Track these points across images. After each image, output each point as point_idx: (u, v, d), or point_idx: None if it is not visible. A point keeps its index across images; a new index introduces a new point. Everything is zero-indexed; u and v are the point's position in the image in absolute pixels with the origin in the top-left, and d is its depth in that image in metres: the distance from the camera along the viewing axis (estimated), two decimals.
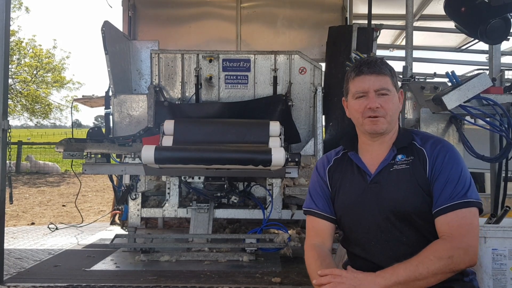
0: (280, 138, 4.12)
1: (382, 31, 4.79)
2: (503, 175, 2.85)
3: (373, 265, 1.67)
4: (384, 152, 1.74)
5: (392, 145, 1.74)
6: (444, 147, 1.69)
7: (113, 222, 5.72)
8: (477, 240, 1.57)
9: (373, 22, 4.51)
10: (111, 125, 4.68)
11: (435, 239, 1.63)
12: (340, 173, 1.81)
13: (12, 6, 15.98)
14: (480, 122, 2.68)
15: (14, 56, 17.58)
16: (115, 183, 5.11)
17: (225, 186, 4.28)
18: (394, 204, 1.65)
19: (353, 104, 1.74)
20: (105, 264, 3.94)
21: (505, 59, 5.36)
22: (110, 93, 4.65)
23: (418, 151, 1.71)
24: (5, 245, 3.54)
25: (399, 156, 1.71)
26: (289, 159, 3.83)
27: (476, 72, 3.93)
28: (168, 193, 4.42)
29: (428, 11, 6.23)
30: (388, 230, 1.66)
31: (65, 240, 4.90)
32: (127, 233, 4.48)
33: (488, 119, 2.65)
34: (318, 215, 1.80)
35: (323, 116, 4.51)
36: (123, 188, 4.72)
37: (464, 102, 2.55)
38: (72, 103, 12.98)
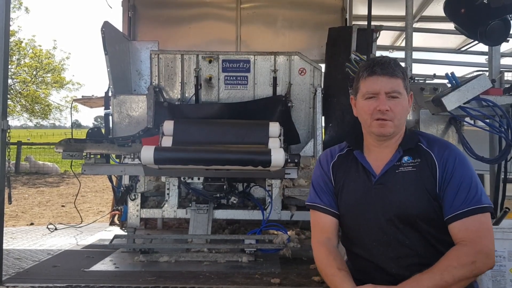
0: (280, 139, 4.12)
1: (382, 32, 4.79)
2: (503, 176, 2.85)
3: (373, 265, 1.67)
4: (389, 153, 1.72)
5: (398, 146, 1.72)
6: (453, 151, 1.67)
7: (112, 223, 5.72)
8: (494, 244, 1.57)
9: (372, 23, 4.50)
10: (111, 125, 4.67)
11: (437, 242, 1.63)
12: (344, 170, 1.79)
13: (12, 6, 15.98)
14: (480, 123, 2.68)
15: (14, 57, 17.58)
16: (114, 183, 5.10)
17: (225, 186, 4.28)
18: (399, 207, 1.64)
19: (362, 104, 1.71)
20: (104, 265, 3.94)
21: (504, 61, 5.35)
22: (110, 94, 4.64)
23: (425, 154, 1.69)
24: (4, 245, 3.52)
25: (405, 158, 1.70)
26: (289, 160, 3.83)
27: (475, 73, 3.93)
28: (168, 194, 4.41)
29: (427, 12, 6.23)
30: (391, 232, 1.65)
31: (64, 240, 4.89)
32: (126, 233, 4.48)
33: (487, 120, 2.65)
34: (323, 210, 1.78)
35: (323, 117, 4.51)
36: (122, 188, 4.71)
37: (464, 104, 2.55)
38: (72, 103, 13.00)
